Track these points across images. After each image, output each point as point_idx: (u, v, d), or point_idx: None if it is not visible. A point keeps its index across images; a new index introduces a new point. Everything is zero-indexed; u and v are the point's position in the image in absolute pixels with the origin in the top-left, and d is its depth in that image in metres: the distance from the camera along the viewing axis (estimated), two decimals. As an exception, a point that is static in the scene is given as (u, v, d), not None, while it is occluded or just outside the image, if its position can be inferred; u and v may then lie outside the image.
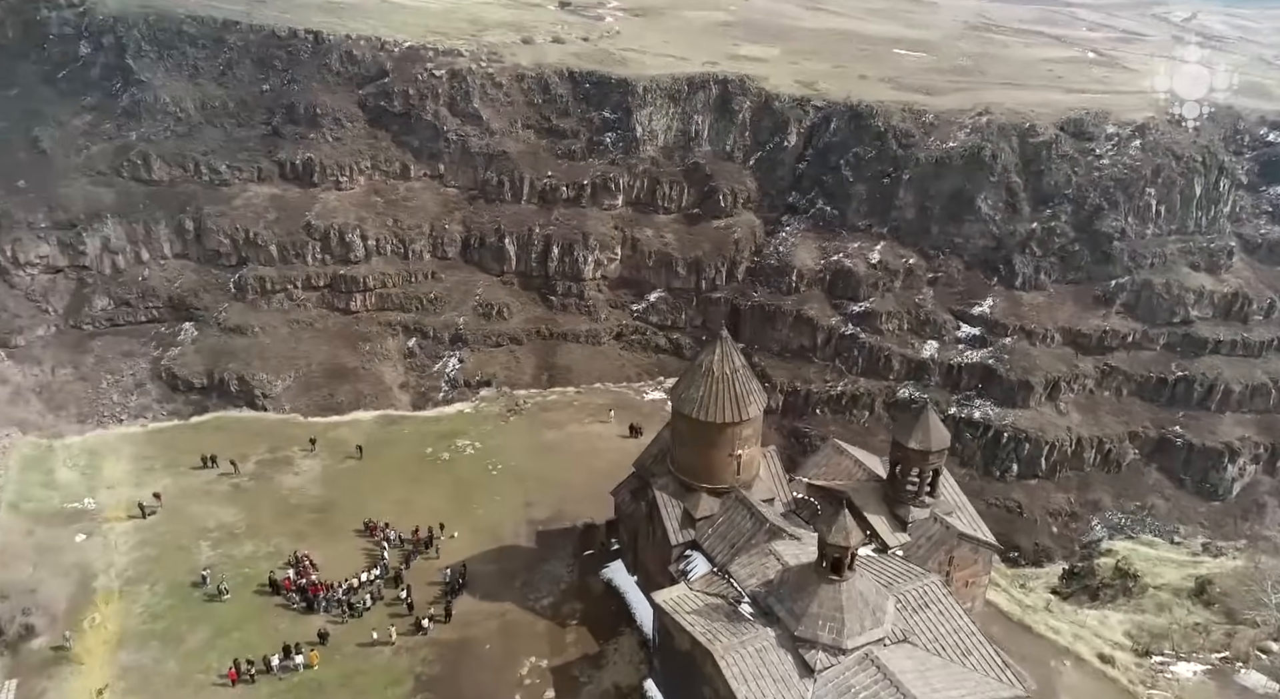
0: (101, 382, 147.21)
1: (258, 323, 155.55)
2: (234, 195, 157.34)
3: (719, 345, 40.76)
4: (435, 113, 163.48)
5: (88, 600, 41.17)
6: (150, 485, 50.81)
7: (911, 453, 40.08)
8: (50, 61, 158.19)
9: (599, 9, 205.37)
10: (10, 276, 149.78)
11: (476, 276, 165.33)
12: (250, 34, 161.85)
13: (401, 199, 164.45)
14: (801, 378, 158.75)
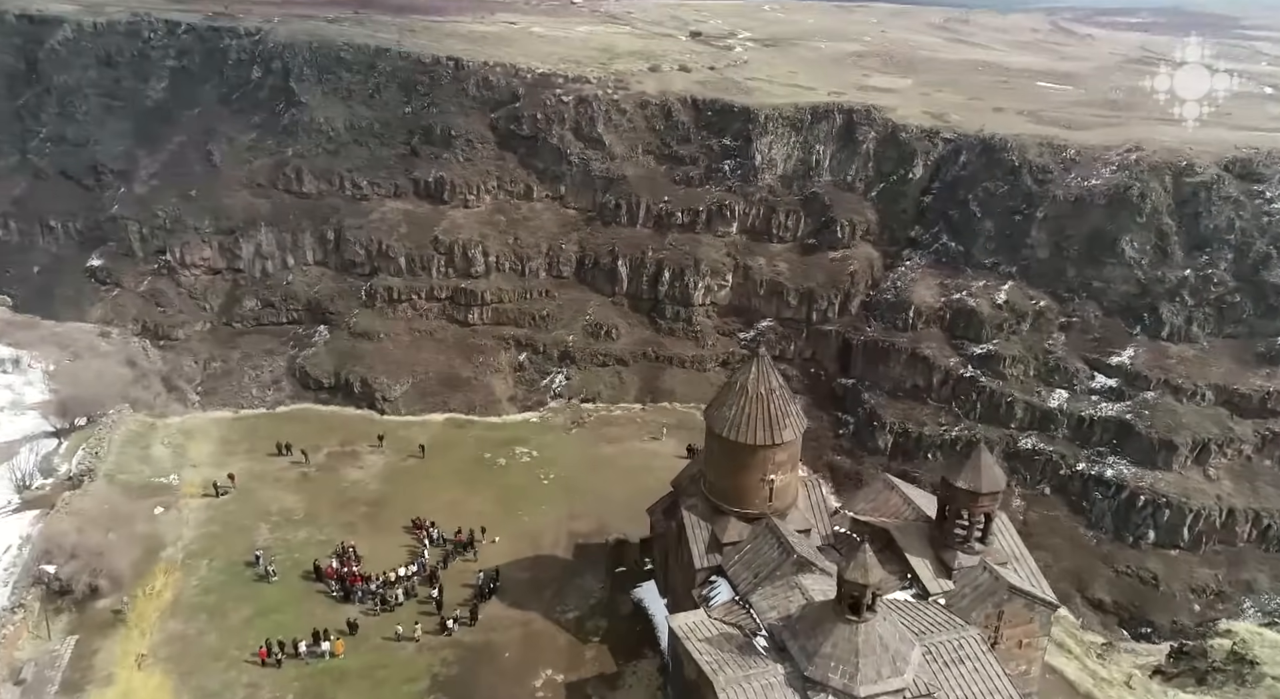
0: (244, 375, 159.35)
1: (383, 329, 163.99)
2: (371, 209, 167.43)
3: (756, 363, 39.26)
4: (560, 137, 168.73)
5: (151, 569, 44.15)
6: (229, 467, 54.24)
7: (959, 493, 36.93)
8: (227, 84, 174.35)
9: (729, 39, 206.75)
10: (177, 276, 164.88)
11: (588, 296, 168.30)
12: (399, 61, 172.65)
13: (523, 218, 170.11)
14: (914, 419, 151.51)
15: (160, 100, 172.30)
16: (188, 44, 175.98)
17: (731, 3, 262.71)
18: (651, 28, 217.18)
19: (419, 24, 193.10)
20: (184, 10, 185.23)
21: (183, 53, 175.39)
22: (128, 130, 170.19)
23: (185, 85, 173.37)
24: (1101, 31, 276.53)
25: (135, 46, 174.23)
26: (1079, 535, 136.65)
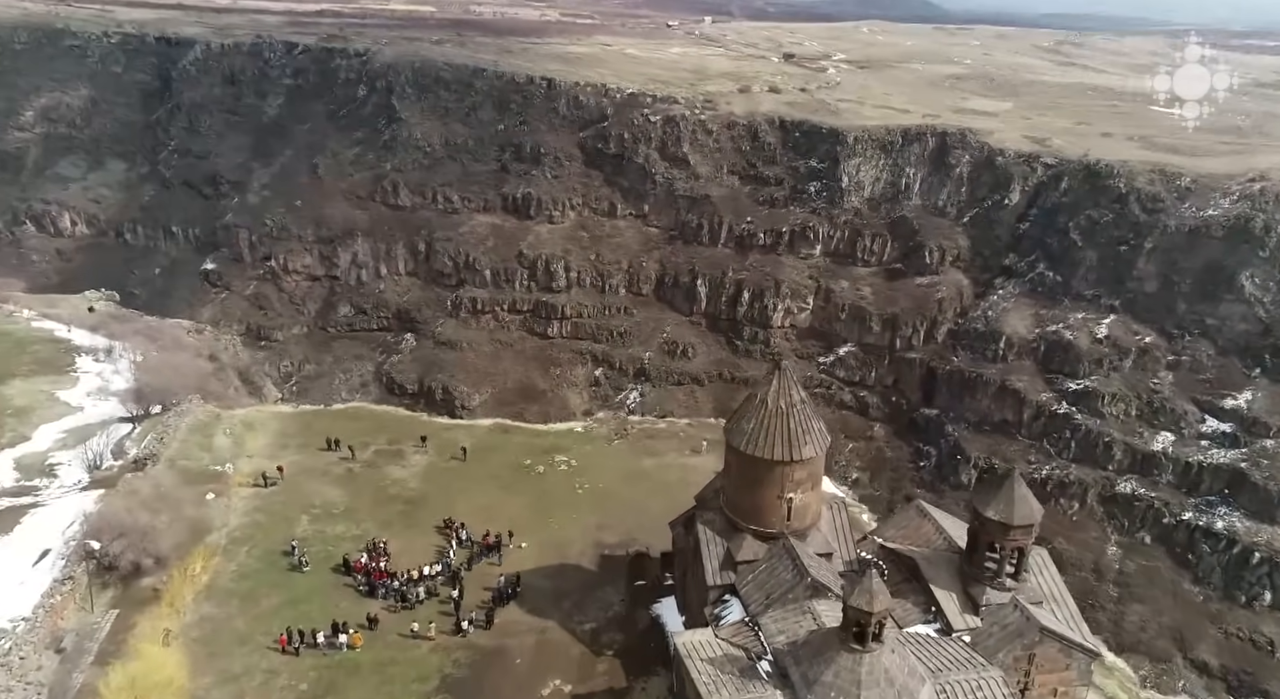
0: (335, 378, 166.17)
1: (466, 339, 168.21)
2: (461, 223, 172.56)
3: (777, 377, 37.93)
4: (646, 156, 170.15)
5: (193, 552, 46.11)
6: (281, 459, 56.39)
7: (989, 524, 34.40)
8: (335, 101, 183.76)
9: (823, 61, 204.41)
10: (280, 281, 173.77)
11: (666, 315, 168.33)
12: (494, 80, 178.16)
13: (606, 235, 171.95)
14: (1001, 455, 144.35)
15: (275, 116, 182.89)
16: (303, 64, 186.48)
17: (829, 26, 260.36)
18: (745, 50, 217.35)
19: (517, 45, 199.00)
20: (302, 33, 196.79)
21: (298, 72, 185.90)
22: (245, 144, 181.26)
23: (298, 102, 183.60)
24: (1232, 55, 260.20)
25: (256, 66, 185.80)
26: (1183, 591, 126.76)
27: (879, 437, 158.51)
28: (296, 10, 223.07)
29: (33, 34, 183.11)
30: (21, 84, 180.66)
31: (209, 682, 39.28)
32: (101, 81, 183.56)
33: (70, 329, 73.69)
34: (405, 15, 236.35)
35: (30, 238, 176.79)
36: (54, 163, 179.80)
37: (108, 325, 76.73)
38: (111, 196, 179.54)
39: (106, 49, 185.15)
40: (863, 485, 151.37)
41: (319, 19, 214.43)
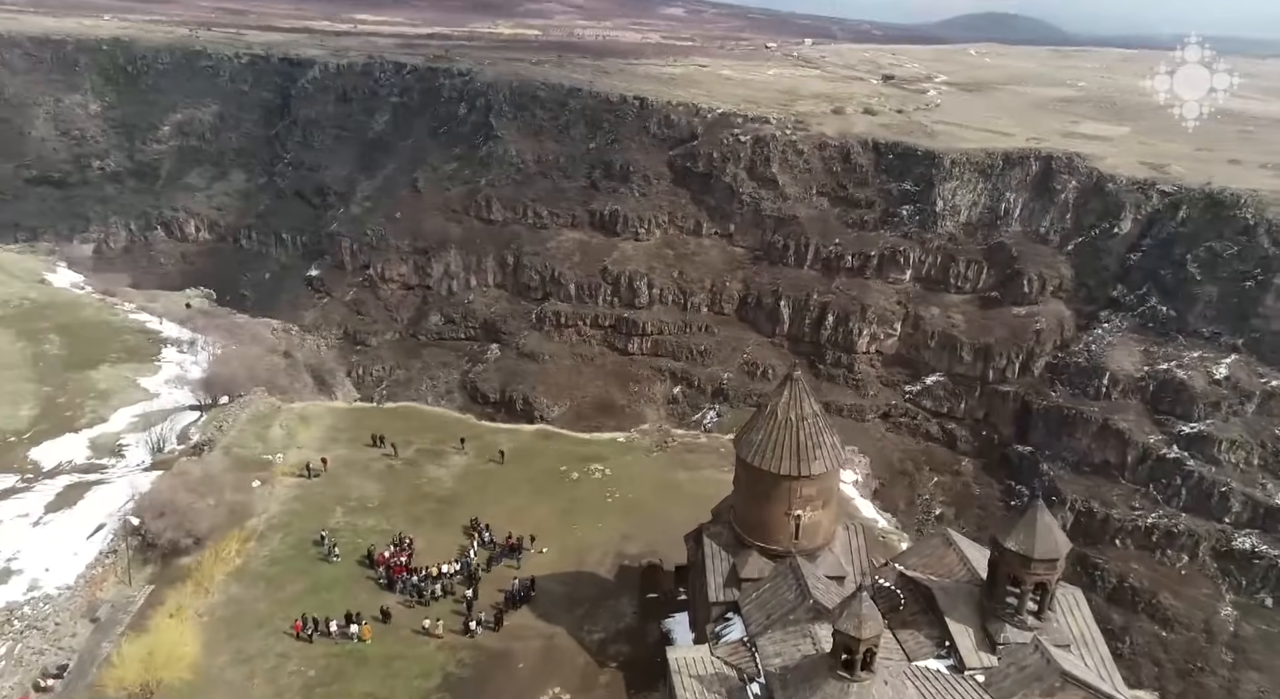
0: (422, 384, 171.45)
1: (548, 352, 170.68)
2: (549, 238, 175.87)
3: (789, 387, 36.28)
4: (734, 175, 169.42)
5: (230, 536, 48.03)
6: (327, 452, 57.77)
7: (1008, 555, 31.54)
8: (437, 118, 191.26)
9: (924, 83, 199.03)
10: (377, 289, 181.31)
11: (748, 335, 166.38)
12: (588, 99, 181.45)
13: (690, 254, 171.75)
14: (1100, 498, 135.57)
15: (381, 132, 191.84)
16: (409, 83, 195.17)
17: (935, 48, 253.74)
18: (842, 71, 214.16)
19: (614, 66, 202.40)
20: (411, 54, 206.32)
21: (405, 90, 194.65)
22: (352, 158, 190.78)
23: (403, 119, 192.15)
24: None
25: (367, 85, 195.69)
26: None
27: (966, 472, 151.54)
28: (409, 33, 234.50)
29: (174, 55, 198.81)
30: (162, 101, 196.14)
31: (224, 660, 40.52)
32: (230, 99, 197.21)
33: (162, 321, 78.72)
34: (510, 38, 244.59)
35: (160, 242, 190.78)
36: (185, 173, 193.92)
37: (196, 320, 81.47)
38: (232, 205, 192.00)
39: (236, 69, 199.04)
40: (947, 521, 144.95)
41: (428, 41, 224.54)
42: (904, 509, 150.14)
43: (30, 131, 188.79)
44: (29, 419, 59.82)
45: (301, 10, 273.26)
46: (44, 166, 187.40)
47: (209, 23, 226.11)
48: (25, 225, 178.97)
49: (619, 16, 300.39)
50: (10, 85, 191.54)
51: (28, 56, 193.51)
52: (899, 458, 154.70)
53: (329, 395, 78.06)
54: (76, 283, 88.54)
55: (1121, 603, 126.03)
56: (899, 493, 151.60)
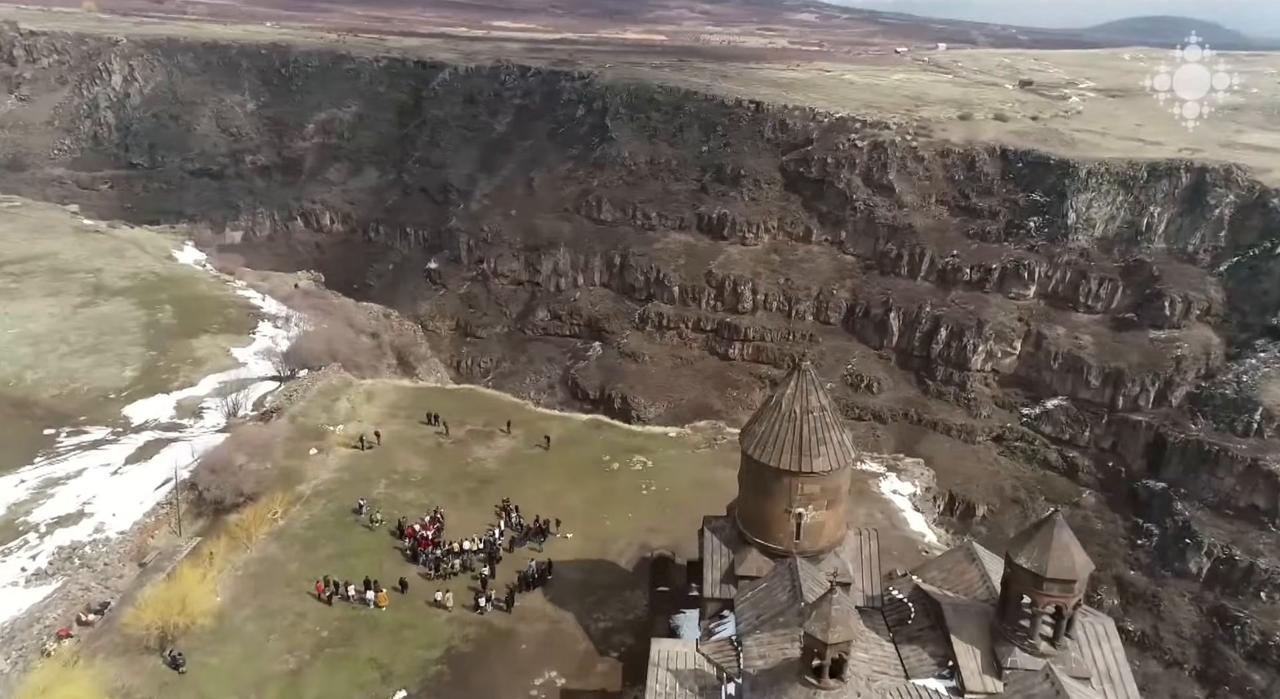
0: (526, 378, 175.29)
1: (649, 353, 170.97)
2: (656, 239, 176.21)
3: (796, 378, 34.09)
4: (848, 182, 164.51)
5: (276, 497, 49.90)
6: (385, 427, 59.79)
7: (1020, 573, 28.14)
8: (556, 120, 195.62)
9: (1065, 88, 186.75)
10: (489, 284, 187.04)
11: (853, 346, 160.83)
12: (704, 103, 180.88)
13: (798, 260, 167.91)
14: (1244, 546, 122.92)
15: (503, 133, 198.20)
16: (533, 86, 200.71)
17: (1083, 53, 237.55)
18: (977, 76, 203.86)
19: (734, 70, 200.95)
20: (536, 57, 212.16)
21: (527, 93, 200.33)
22: (474, 157, 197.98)
23: (524, 120, 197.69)
24: None
25: (493, 87, 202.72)
26: None
27: (1087, 505, 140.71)
28: (538, 38, 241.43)
29: (322, 59, 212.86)
30: (309, 102, 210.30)
31: (247, 614, 42.34)
32: (368, 100, 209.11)
33: (265, 299, 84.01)
34: (635, 42, 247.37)
35: (299, 232, 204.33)
36: (324, 169, 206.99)
37: (296, 299, 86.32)
38: (363, 199, 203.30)
39: (375, 72, 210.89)
40: None
41: (555, 46, 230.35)
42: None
43: (196, 128, 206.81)
44: (129, 379, 64.96)
45: (444, 17, 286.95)
46: (205, 160, 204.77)
47: (356, 29, 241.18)
48: (185, 213, 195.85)
49: (748, 22, 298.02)
50: (182, 86, 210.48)
51: (198, 60, 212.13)
52: (1011, 485, 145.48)
53: (411, 376, 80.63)
54: (199, 261, 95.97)
55: (1265, 663, 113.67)
56: (1008, 521, 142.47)
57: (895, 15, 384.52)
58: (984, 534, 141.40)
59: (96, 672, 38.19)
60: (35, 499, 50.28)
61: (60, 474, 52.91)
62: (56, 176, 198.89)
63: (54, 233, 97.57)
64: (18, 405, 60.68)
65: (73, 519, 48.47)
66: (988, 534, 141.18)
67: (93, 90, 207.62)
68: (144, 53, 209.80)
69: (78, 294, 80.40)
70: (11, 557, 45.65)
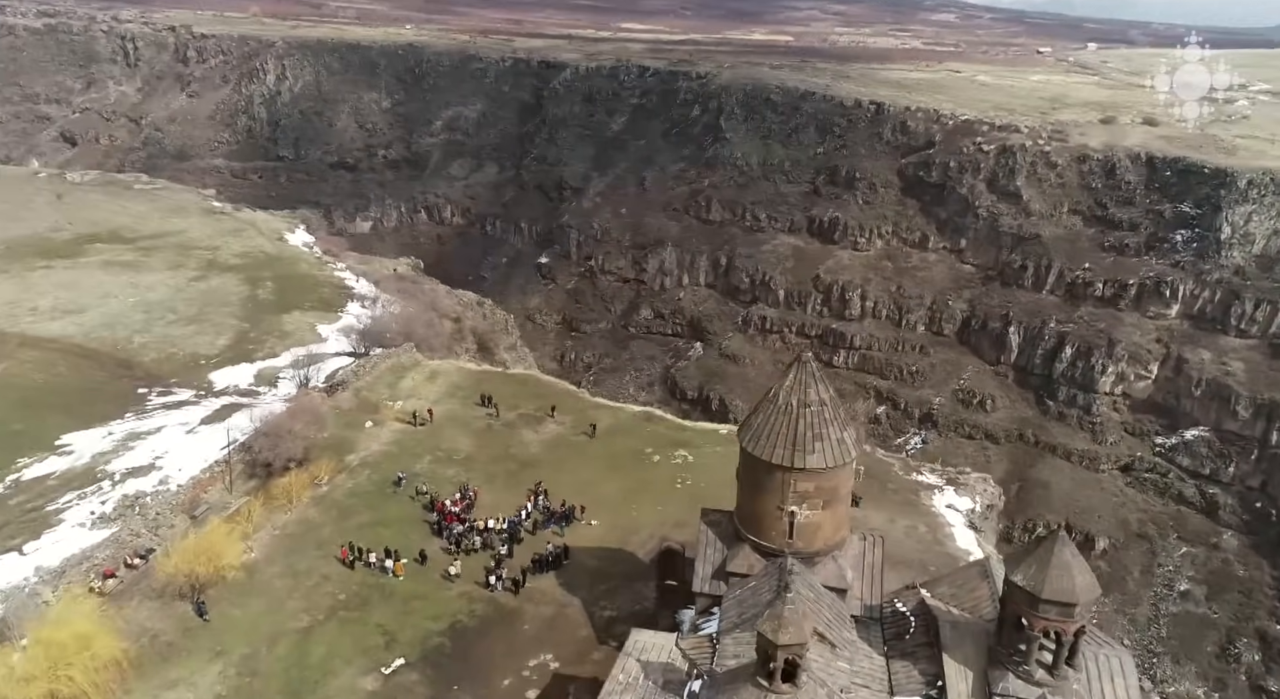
0: (626, 374, 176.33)
1: (750, 355, 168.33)
2: (764, 242, 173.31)
3: (795, 369, 31.87)
4: (971, 187, 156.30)
5: (325, 465, 51.78)
6: (442, 405, 60.99)
7: (1015, 592, 24.89)
8: (670, 120, 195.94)
9: (1230, 91, 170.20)
10: (596, 280, 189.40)
11: (967, 360, 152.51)
12: (822, 103, 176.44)
13: (912, 268, 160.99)
14: None
15: (618, 131, 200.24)
16: (650, 85, 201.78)
17: (1262, 52, 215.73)
18: (1126, 78, 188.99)
19: (856, 70, 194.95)
20: (656, 57, 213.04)
21: (645, 93, 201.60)
22: (589, 155, 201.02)
23: (640, 120, 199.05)
24: None
25: (611, 87, 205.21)
26: None
27: (1228, 547, 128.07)
28: (661, 39, 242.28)
29: (452, 59, 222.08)
30: (437, 100, 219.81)
31: (276, 571, 44.06)
32: (493, 98, 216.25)
33: (359, 281, 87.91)
34: (759, 43, 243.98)
35: (421, 223, 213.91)
36: (448, 164, 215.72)
37: (388, 282, 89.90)
38: (482, 194, 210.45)
39: (501, 71, 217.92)
40: (1193, 600, 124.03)
41: (677, 47, 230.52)
42: (1137, 577, 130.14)
43: (336, 124, 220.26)
44: (220, 348, 69.36)
45: (574, 19, 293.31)
46: (341, 154, 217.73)
47: (488, 31, 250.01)
48: (321, 202, 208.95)
49: (880, 23, 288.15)
50: (326, 85, 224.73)
51: (342, 60, 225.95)
52: (1138, 519, 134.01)
53: (490, 361, 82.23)
54: (307, 243, 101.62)
55: None
56: (1132, 558, 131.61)
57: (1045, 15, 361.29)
58: (1103, 570, 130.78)
59: (131, 612, 40.67)
60: (116, 450, 54.27)
61: (143, 429, 56.90)
62: (214, 166, 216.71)
63: (186, 213, 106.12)
64: (122, 365, 65.92)
65: (143, 471, 51.94)
66: (1107, 570, 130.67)
67: (249, 88, 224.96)
68: (295, 54, 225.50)
69: (194, 268, 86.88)
70: (85, 500, 49.38)
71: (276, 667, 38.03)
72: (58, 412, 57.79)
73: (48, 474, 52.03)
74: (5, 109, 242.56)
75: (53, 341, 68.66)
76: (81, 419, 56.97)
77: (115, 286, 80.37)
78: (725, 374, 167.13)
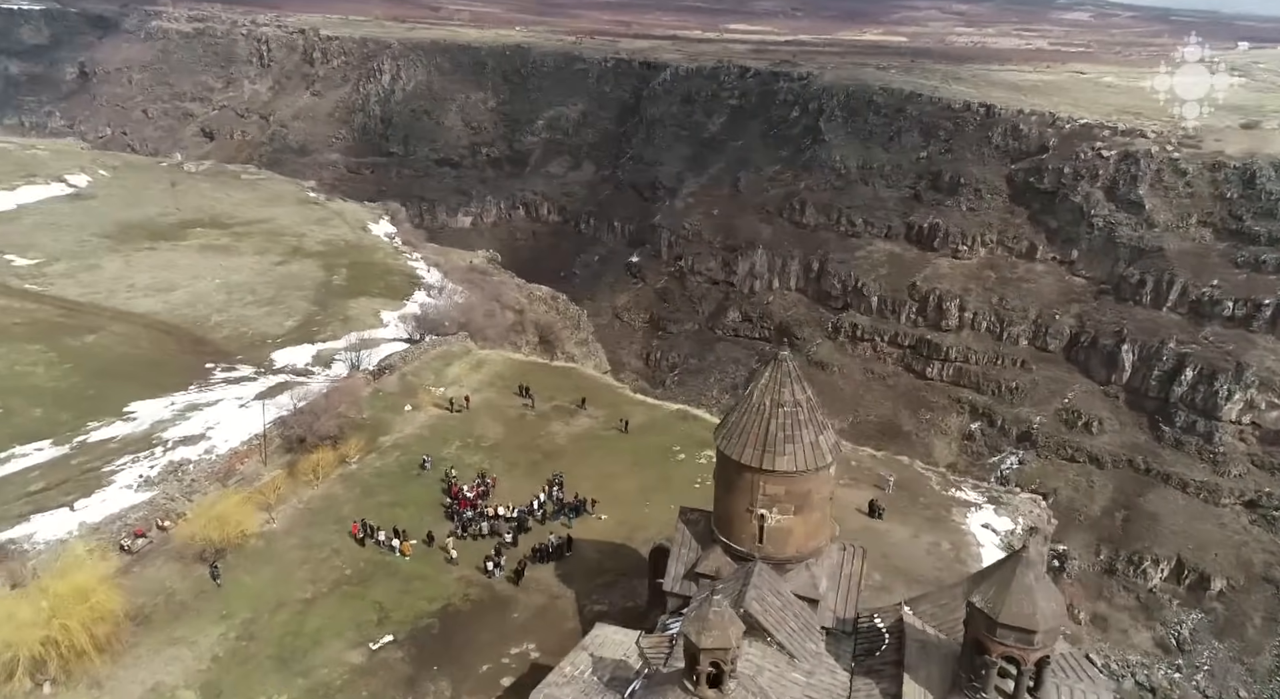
0: (710, 376, 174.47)
1: (838, 363, 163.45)
2: (859, 247, 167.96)
3: (771, 368, 29.89)
4: (1086, 195, 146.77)
5: (356, 444, 53.02)
6: (482, 394, 61.45)
7: (974, 613, 22.23)
8: (769, 121, 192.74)
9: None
10: (685, 281, 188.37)
11: (1073, 378, 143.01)
12: (928, 105, 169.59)
13: (1017, 279, 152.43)
14: None
15: (715, 132, 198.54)
16: (750, 86, 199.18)
17: None
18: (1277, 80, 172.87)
19: (968, 72, 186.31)
20: (758, 58, 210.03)
21: (744, 93, 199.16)
22: (685, 155, 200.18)
23: (737, 121, 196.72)
24: None
25: (710, 87, 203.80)
26: None
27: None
28: (767, 40, 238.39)
29: (557, 60, 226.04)
30: (541, 99, 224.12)
31: (292, 542, 45.31)
32: (593, 98, 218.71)
33: (430, 270, 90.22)
34: (869, 44, 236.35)
35: (519, 220, 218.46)
36: (547, 162, 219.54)
37: (458, 273, 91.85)
38: (578, 192, 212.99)
39: (602, 71, 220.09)
40: None
41: (781, 47, 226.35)
42: (1259, 625, 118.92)
43: (443, 122, 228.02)
44: (287, 329, 72.48)
45: (682, 20, 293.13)
46: (447, 151, 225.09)
47: (594, 32, 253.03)
48: (426, 197, 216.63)
49: (1005, 23, 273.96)
50: (436, 84, 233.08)
51: (453, 61, 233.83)
52: (1263, 560, 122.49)
53: (551, 354, 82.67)
54: (389, 233, 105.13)
55: None
56: (1254, 603, 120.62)
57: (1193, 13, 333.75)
58: (1219, 611, 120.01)
59: (154, 571, 42.70)
60: (174, 419, 57.40)
61: (202, 401, 60.00)
62: (331, 161, 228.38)
63: (281, 202, 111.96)
64: (196, 341, 69.84)
65: (193, 440, 54.68)
66: (1225, 612, 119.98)
67: (366, 88, 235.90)
68: (410, 55, 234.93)
69: (279, 254, 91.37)
70: (137, 464, 52.36)
71: (273, 633, 39.00)
72: (131, 381, 61.67)
73: (110, 438, 55.52)
74: (156, 106, 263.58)
75: (141, 317, 73.48)
76: (150, 389, 60.60)
77: (205, 268, 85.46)
78: (812, 380, 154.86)
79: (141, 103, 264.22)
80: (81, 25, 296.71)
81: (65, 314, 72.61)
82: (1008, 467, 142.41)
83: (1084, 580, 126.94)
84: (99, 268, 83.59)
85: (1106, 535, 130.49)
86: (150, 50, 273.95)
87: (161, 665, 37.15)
